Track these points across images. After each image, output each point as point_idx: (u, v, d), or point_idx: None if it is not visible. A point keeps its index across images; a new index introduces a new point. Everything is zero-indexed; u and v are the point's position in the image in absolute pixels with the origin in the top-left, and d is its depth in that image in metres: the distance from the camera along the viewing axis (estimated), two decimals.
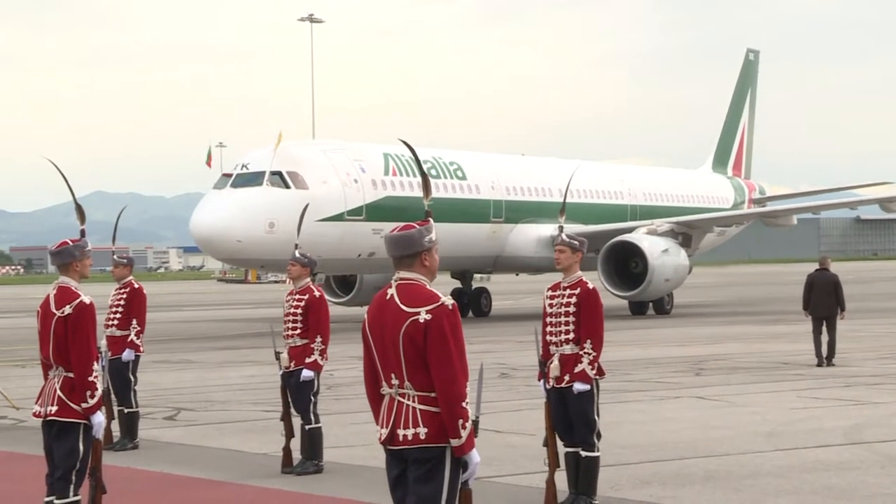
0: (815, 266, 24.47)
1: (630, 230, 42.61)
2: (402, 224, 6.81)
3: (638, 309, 42.60)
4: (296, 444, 12.84)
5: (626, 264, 40.53)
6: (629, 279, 40.47)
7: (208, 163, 38.90)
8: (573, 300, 10.58)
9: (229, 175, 36.14)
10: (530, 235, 42.94)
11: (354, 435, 14.43)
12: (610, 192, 48.83)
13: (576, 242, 10.85)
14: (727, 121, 60.66)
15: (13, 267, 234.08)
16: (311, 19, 74.98)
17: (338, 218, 35.65)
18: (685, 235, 44.14)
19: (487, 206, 41.93)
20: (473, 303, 45.19)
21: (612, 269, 40.49)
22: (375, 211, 36.91)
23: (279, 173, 34.80)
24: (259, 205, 34.11)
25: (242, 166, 35.92)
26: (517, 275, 50.42)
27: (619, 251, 40.67)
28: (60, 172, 10.67)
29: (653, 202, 50.84)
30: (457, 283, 45.28)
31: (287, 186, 34.66)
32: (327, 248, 33.61)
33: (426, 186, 7.34)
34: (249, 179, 34.95)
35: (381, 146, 40.15)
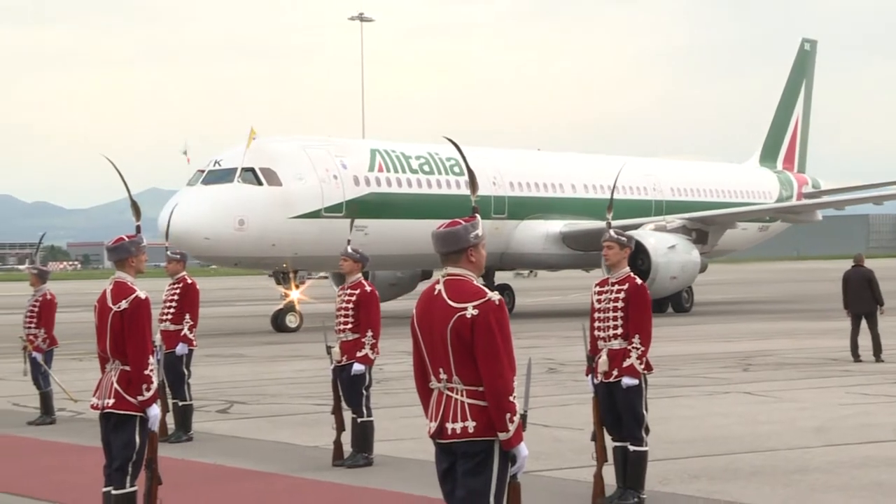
0: (851, 263, 24.41)
1: (639, 226, 40.95)
2: (448, 220, 6.80)
3: (656, 307, 41.81)
4: (346, 437, 12.87)
5: (634, 261, 39.33)
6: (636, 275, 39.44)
7: (187, 159, 38.06)
8: (621, 295, 10.59)
9: (203, 171, 35.28)
10: (537, 232, 41.87)
11: (404, 428, 14.47)
12: (633, 188, 46.81)
13: (624, 238, 10.85)
14: (778, 113, 58.45)
15: (70, 263, 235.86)
16: (361, 18, 75.12)
17: (314, 215, 34.74)
18: (699, 232, 43.04)
19: (487, 203, 40.15)
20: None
21: (636, 264, 39.60)
22: (358, 207, 35.49)
23: (252, 170, 33.92)
24: (228, 202, 33.36)
25: (215, 162, 35.09)
26: (521, 274, 49.30)
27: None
28: (116, 169, 10.76)
29: (682, 197, 49.06)
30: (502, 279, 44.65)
31: (259, 183, 33.82)
32: (304, 245, 33.18)
33: (473, 183, 7.34)
34: (221, 176, 34.19)
35: (369, 142, 39.19)
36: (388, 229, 35.90)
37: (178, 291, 15.44)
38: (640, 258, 38.09)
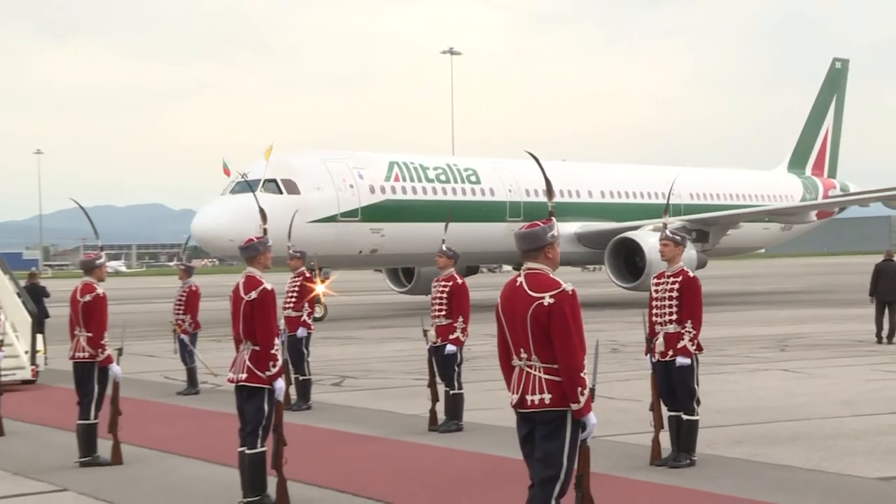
0: (881, 257, 23.89)
1: (639, 227, 38.86)
2: (528, 223, 6.77)
3: None
4: (440, 407, 12.87)
5: (633, 259, 37.43)
6: (635, 272, 37.34)
7: (225, 172, 37.17)
8: (676, 286, 10.50)
9: (233, 182, 34.40)
10: None
11: (489, 400, 14.40)
12: (651, 193, 44.33)
13: (678, 237, 10.75)
14: (807, 125, 55.46)
15: (210, 260, 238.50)
16: (452, 52, 75.38)
17: (331, 219, 33.66)
18: (700, 232, 40.59)
19: (503, 208, 38.55)
20: None
21: (622, 263, 37.60)
22: (373, 212, 34.77)
23: (274, 181, 32.91)
24: (251, 208, 32.21)
25: (243, 175, 34.01)
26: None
27: (625, 247, 37.34)
28: (247, 182, 10.82)
29: (700, 201, 45.75)
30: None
31: (280, 192, 32.77)
32: (322, 246, 31.75)
33: (549, 191, 7.32)
34: (246, 186, 32.79)
35: (389, 155, 37.60)
36: (403, 231, 34.63)
37: (298, 284, 15.56)
38: (637, 256, 36.85)
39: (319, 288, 34.34)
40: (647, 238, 36.10)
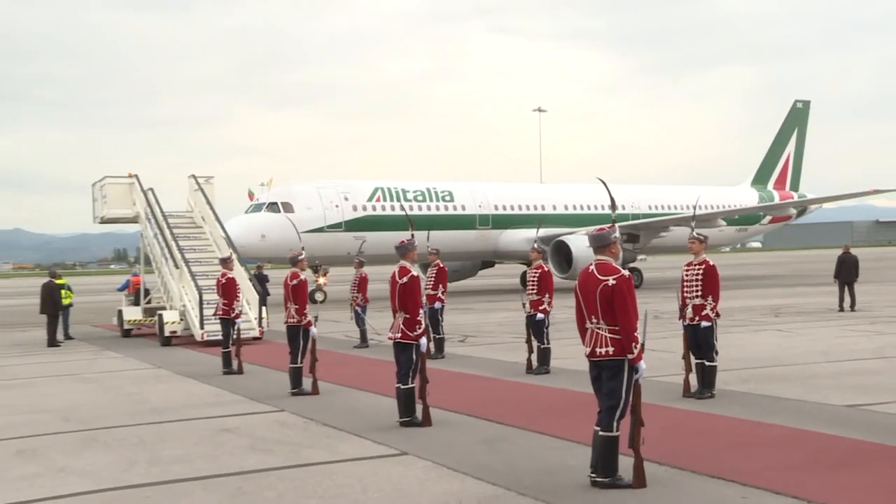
0: (841, 250, 23.69)
1: (573, 233, 34.84)
2: (596, 227, 6.75)
3: None
4: (533, 357, 12.80)
5: (567, 257, 33.44)
6: (569, 265, 33.21)
7: (250, 197, 35.44)
8: (700, 271, 10.32)
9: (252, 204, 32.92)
10: (518, 237, 35.70)
11: (569, 352, 14.27)
12: (606, 205, 38.39)
13: (702, 237, 10.58)
14: (770, 150, 47.95)
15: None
16: (539, 110, 74.74)
17: (319, 230, 31.47)
18: (631, 235, 36.16)
19: (473, 219, 35.38)
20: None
21: (563, 259, 33.23)
22: (355, 224, 32.40)
23: (275, 203, 31.49)
24: (254, 223, 31.00)
25: (257, 199, 32.84)
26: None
27: (563, 247, 33.44)
28: (259, 204, 10.83)
29: (656, 211, 40.21)
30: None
31: (279, 211, 31.19)
32: (316, 249, 30.61)
33: (613, 205, 7.33)
34: (257, 207, 32.07)
35: (375, 182, 34.60)
36: (381, 238, 31.70)
37: (435, 272, 15.52)
38: (568, 253, 33.36)
39: (322, 280, 31.73)
40: (576, 241, 33.35)
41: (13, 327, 27.71)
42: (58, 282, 21.92)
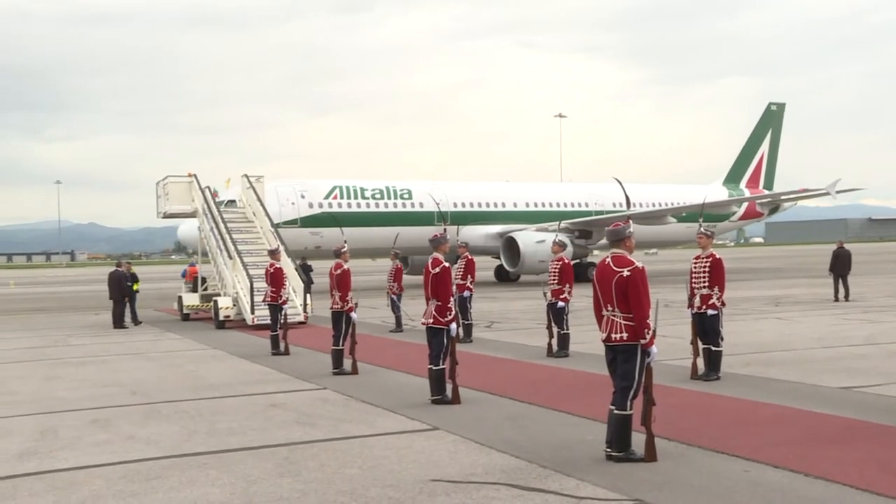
0: (835, 245, 23.44)
1: (525, 229, 33.33)
2: (613, 223, 6.70)
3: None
4: (554, 342, 12.72)
5: (515, 251, 32.17)
6: (518, 259, 32.07)
7: (214, 195, 33.10)
8: (708, 263, 10.23)
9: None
10: (478, 232, 34.12)
11: (586, 337, 14.21)
12: (573, 202, 37.30)
13: (710, 233, 10.51)
14: (743, 150, 45.44)
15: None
16: (560, 115, 74.30)
17: (275, 226, 29.18)
18: (583, 231, 34.04)
19: (430, 216, 33.25)
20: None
21: (515, 253, 32.00)
22: (310, 221, 31.00)
23: (234, 200, 28.15)
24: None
25: (219, 198, 29.63)
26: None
27: (513, 242, 32.20)
28: (440, 211, 10.84)
29: (620, 208, 36.90)
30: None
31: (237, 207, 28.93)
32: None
33: (627, 202, 7.27)
34: (217, 204, 28.87)
35: (334, 181, 32.87)
36: (336, 233, 29.49)
37: (463, 263, 15.46)
38: (517, 248, 31.97)
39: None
40: (525, 237, 31.85)
41: (87, 311, 28.16)
42: (131, 270, 22.34)
